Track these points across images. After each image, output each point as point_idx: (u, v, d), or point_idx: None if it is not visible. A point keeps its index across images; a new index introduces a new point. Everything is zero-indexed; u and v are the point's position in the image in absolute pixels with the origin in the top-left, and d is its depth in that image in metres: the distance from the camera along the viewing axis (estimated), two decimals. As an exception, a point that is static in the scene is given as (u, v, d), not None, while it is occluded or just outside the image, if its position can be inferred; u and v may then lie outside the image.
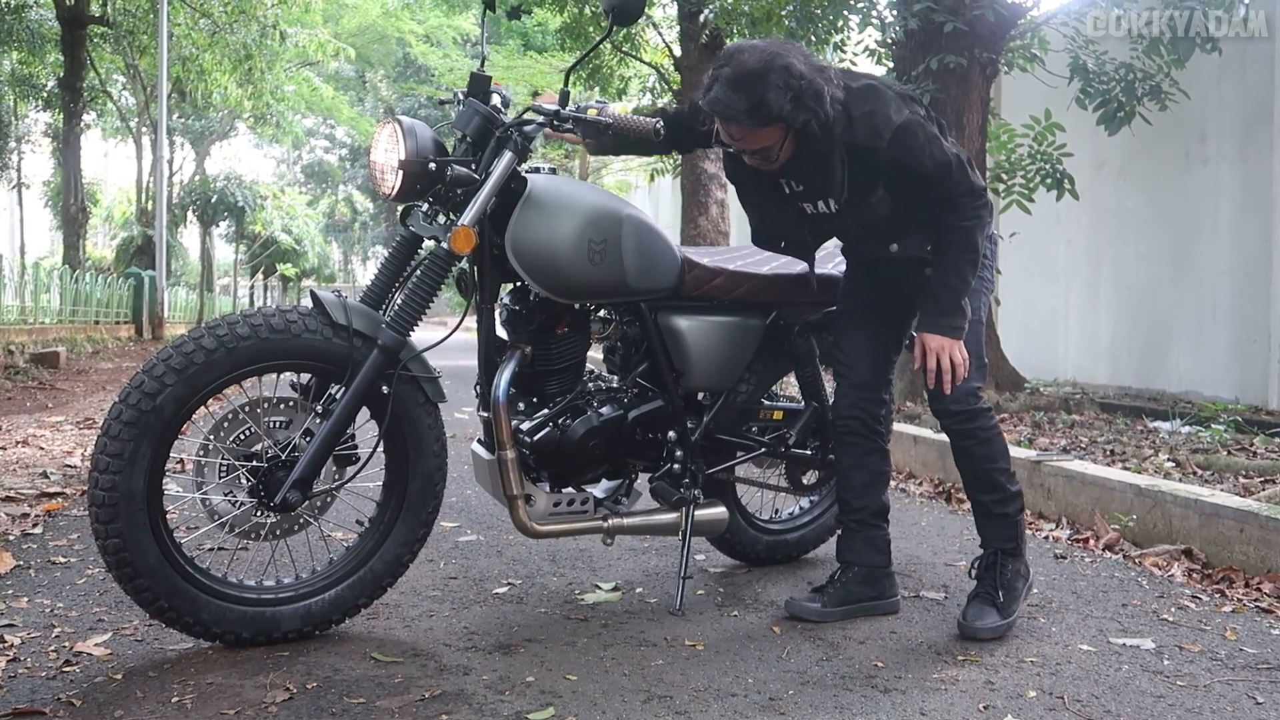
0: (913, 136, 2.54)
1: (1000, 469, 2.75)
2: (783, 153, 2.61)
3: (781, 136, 2.55)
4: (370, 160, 2.66)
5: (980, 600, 2.70)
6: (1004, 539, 2.77)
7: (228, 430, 2.47)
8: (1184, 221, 7.80)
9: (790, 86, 2.45)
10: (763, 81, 2.45)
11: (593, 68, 13.31)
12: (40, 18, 19.25)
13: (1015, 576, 2.74)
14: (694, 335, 2.95)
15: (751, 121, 2.50)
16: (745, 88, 2.47)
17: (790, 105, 2.45)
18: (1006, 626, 2.66)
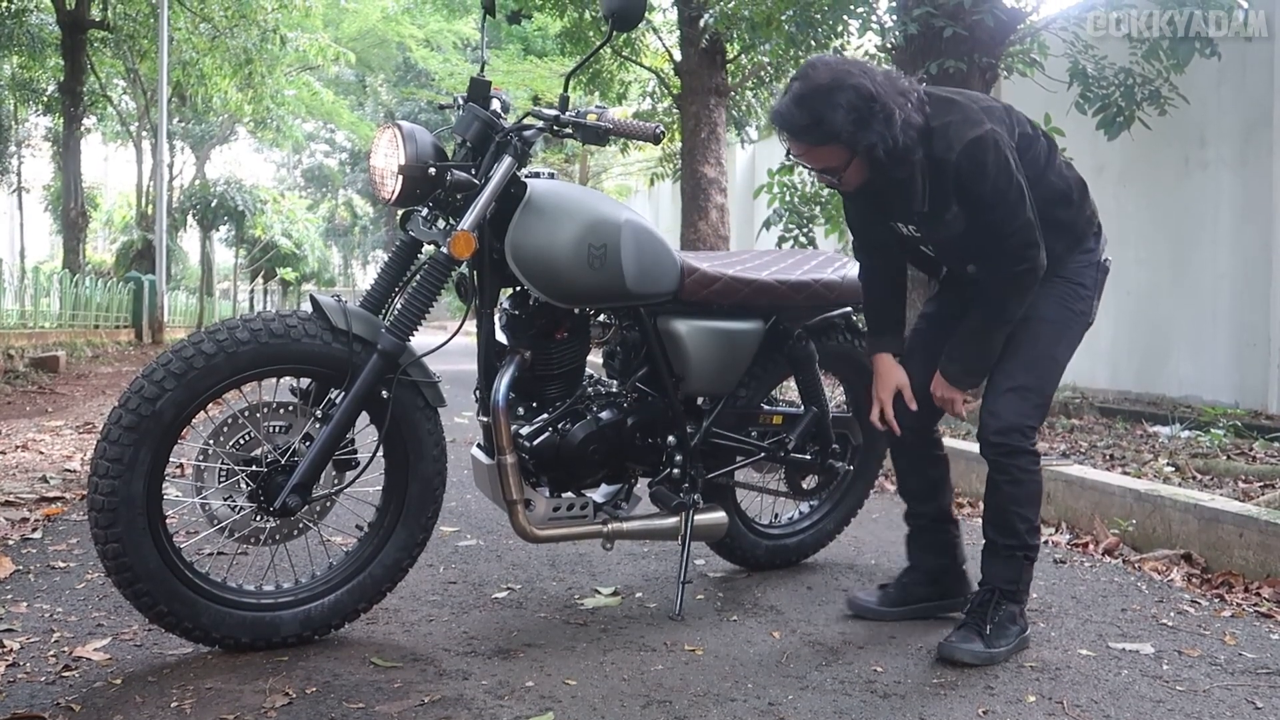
0: (983, 152, 2.44)
1: (1022, 515, 2.59)
2: (851, 175, 2.53)
3: (845, 157, 2.48)
4: (370, 165, 2.66)
5: (966, 628, 2.59)
6: (1005, 579, 2.62)
7: (227, 435, 2.47)
8: (1183, 226, 7.81)
9: (855, 108, 2.38)
10: (827, 99, 2.39)
11: (593, 72, 13.32)
12: (41, 22, 19.26)
13: (1009, 619, 2.58)
14: (693, 340, 2.95)
15: (810, 138, 2.45)
16: (808, 103, 2.42)
17: (852, 126, 2.39)
18: (988, 657, 2.51)
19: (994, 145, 2.45)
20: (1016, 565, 2.63)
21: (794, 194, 7.79)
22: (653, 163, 18.21)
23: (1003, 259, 2.53)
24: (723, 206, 11.80)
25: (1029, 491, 2.60)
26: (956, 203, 2.51)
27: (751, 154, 17.35)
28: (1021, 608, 2.65)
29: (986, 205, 2.48)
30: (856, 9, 6.92)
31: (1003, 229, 2.49)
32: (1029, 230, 2.49)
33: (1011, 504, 2.60)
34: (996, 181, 2.45)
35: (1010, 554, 2.62)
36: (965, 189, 2.48)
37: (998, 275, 2.56)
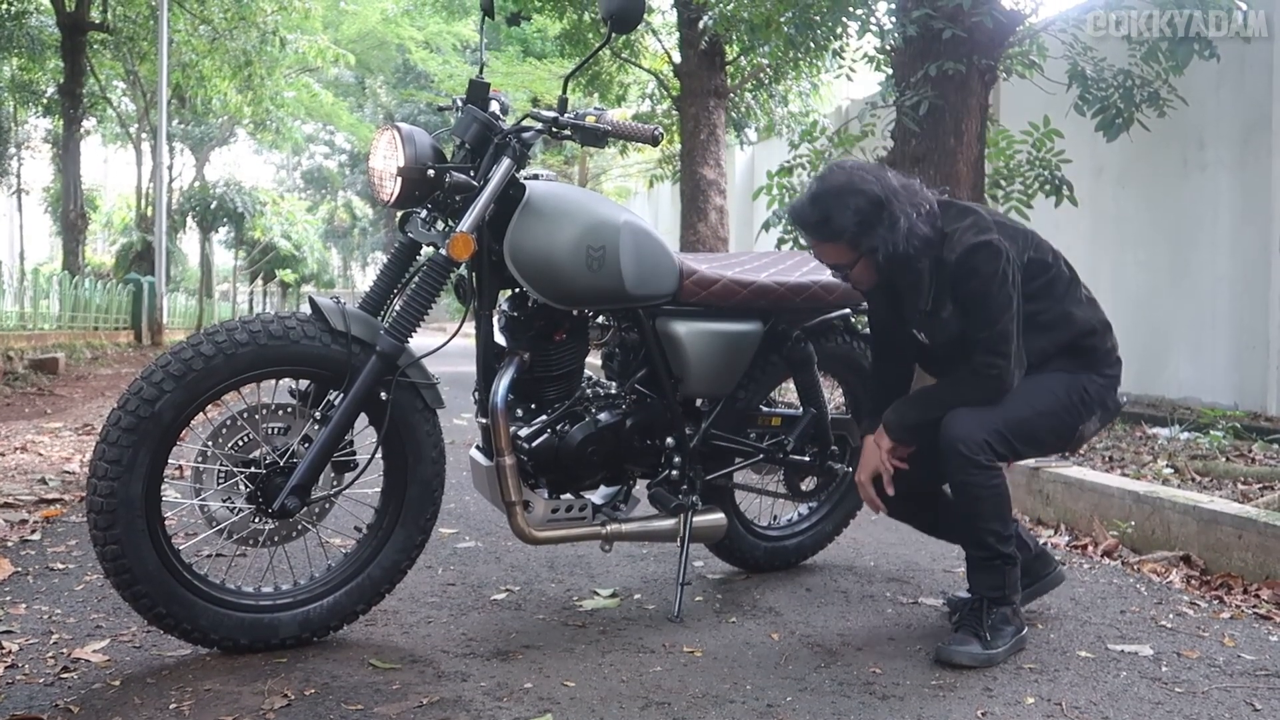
0: (980, 256, 2.55)
1: (989, 529, 2.59)
2: (859, 274, 2.67)
3: (850, 257, 2.62)
4: (369, 166, 2.66)
5: (964, 631, 2.60)
6: (989, 587, 2.63)
7: (226, 437, 2.47)
8: (1182, 228, 7.81)
9: (862, 210, 2.53)
10: (837, 200, 2.56)
11: (592, 74, 13.32)
12: (40, 24, 19.27)
13: (1002, 621, 2.60)
14: (692, 341, 2.95)
15: (818, 234, 2.61)
16: (820, 202, 2.59)
17: (856, 228, 2.54)
18: (986, 659, 2.52)
19: (992, 253, 2.55)
20: (998, 572, 2.63)
21: (793, 196, 7.77)
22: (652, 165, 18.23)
23: (974, 357, 2.61)
24: (722, 208, 11.81)
25: (991, 505, 2.59)
26: (951, 302, 2.63)
27: (751, 156, 17.35)
28: (1014, 607, 2.65)
29: (972, 304, 2.59)
30: (855, 11, 6.92)
31: (980, 330, 2.59)
32: (1004, 341, 2.58)
33: (976, 520, 2.60)
34: (987, 285, 2.55)
35: (988, 564, 2.63)
36: (958, 288, 2.60)
37: (969, 366, 2.63)
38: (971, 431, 2.56)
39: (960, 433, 2.57)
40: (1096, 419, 2.75)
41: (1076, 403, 2.69)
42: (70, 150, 19.30)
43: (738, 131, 13.92)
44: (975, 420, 2.58)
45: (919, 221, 2.57)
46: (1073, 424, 2.70)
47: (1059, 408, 2.68)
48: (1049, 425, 2.67)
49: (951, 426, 2.59)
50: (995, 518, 2.60)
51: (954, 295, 2.61)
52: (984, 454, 2.56)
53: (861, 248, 2.57)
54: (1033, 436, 2.65)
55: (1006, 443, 2.60)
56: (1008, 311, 2.57)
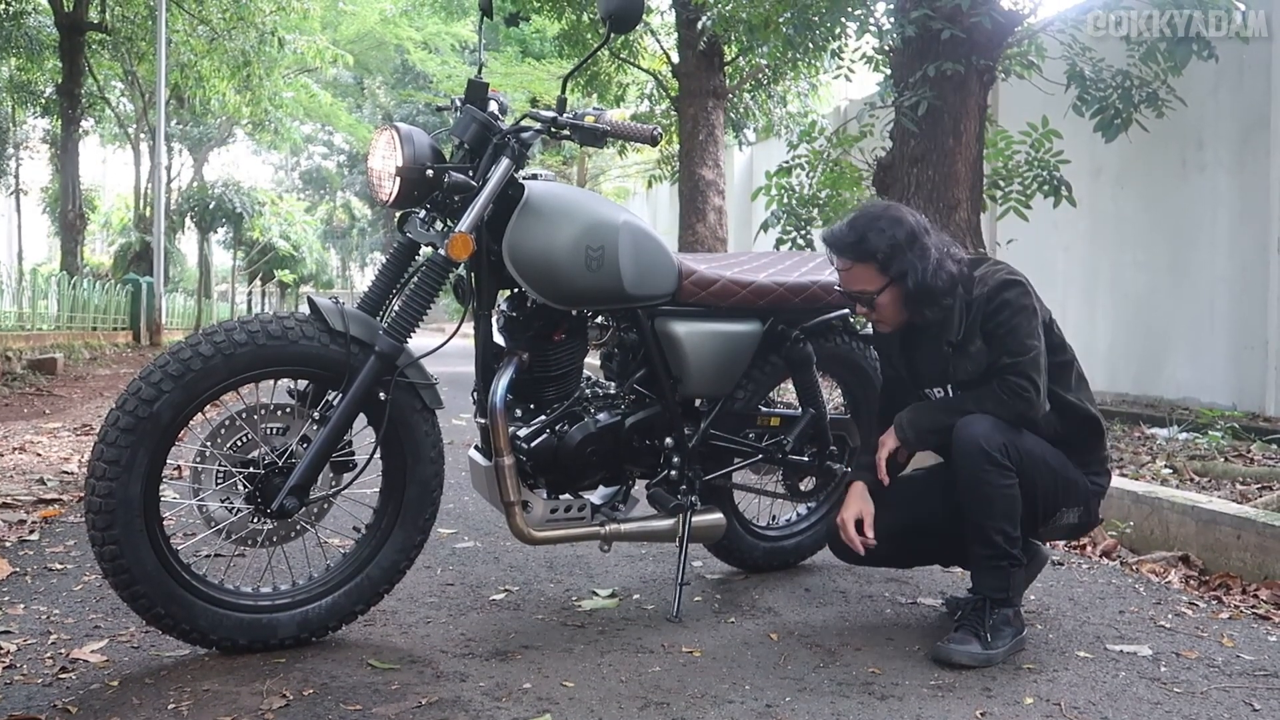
0: (1013, 294, 2.63)
1: (998, 529, 2.59)
2: (885, 305, 2.69)
3: (879, 282, 2.66)
4: (368, 167, 2.66)
5: (964, 630, 2.60)
6: (993, 588, 2.62)
7: (225, 437, 2.47)
8: (1181, 228, 7.81)
9: (896, 237, 2.63)
10: (874, 223, 2.66)
11: (590, 74, 13.33)
12: (39, 24, 19.26)
13: (1003, 622, 2.60)
14: (691, 342, 2.95)
15: (851, 254, 2.68)
16: (857, 224, 2.68)
17: (888, 249, 2.62)
18: (985, 659, 2.52)
19: (1023, 290, 2.65)
20: (1003, 574, 2.63)
21: (792, 196, 7.78)
22: (651, 165, 18.23)
23: (1005, 378, 2.63)
24: (720, 208, 11.81)
25: (1004, 505, 2.59)
26: (980, 338, 2.66)
27: (749, 156, 17.35)
28: (1016, 609, 2.65)
29: (1003, 335, 2.63)
30: (854, 11, 6.92)
31: (1011, 357, 2.62)
32: (1035, 368, 2.62)
33: (986, 518, 2.60)
34: (1017, 316, 2.63)
35: (995, 565, 2.62)
36: (988, 321, 2.65)
37: (997, 384, 2.64)
38: (991, 433, 2.58)
39: (980, 431, 2.58)
40: (1076, 515, 2.78)
41: (1071, 484, 2.73)
42: (68, 150, 19.29)
43: (736, 132, 13.93)
44: (994, 424, 2.60)
45: (948, 259, 2.67)
46: (1061, 500, 2.72)
47: (1060, 475, 2.70)
48: (1048, 480, 2.67)
49: (970, 425, 2.60)
50: (1006, 518, 2.59)
51: (984, 329, 2.65)
52: (1000, 453, 2.57)
53: (892, 271, 2.63)
54: (1034, 477, 2.64)
55: (1017, 461, 2.60)
56: (1036, 344, 2.63)
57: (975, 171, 6.26)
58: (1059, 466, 2.69)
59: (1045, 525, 2.75)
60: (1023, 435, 2.63)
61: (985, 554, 2.63)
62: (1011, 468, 2.58)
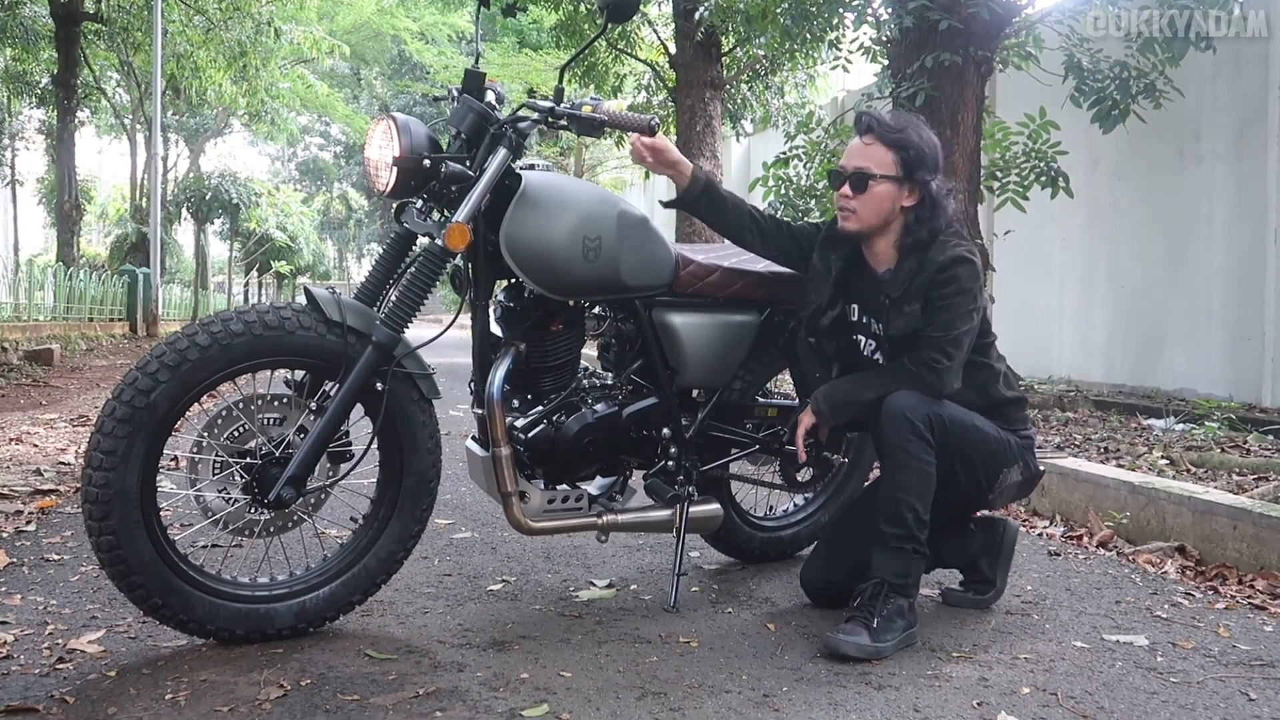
0: (965, 272, 2.65)
1: (909, 504, 2.58)
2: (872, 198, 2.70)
3: (893, 170, 2.69)
4: (365, 157, 2.65)
5: (854, 621, 2.55)
6: (893, 572, 2.60)
7: (222, 427, 2.46)
8: (1178, 220, 7.81)
9: (928, 148, 2.72)
10: (917, 128, 2.75)
11: (588, 65, 13.29)
12: (34, 14, 19.18)
13: (896, 613, 2.56)
14: (688, 332, 2.94)
15: (885, 134, 2.70)
16: (901, 119, 2.76)
17: (917, 151, 2.69)
18: (873, 651, 2.48)
19: (974, 271, 2.67)
20: (905, 558, 2.61)
21: (789, 187, 7.78)
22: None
23: (921, 350, 2.66)
24: (719, 200, 11.77)
25: (918, 481, 2.59)
26: (920, 301, 2.68)
27: (747, 147, 17.33)
28: (910, 602, 2.62)
29: (940, 309, 2.65)
30: (852, 2, 6.91)
31: (936, 331, 2.65)
32: (955, 346, 2.65)
33: (900, 491, 2.59)
34: (960, 296, 2.65)
35: (899, 546, 2.61)
36: (933, 289, 2.66)
37: (910, 358, 2.68)
38: (917, 405, 2.60)
39: (905, 403, 2.60)
40: (1019, 471, 2.80)
41: (1004, 443, 2.76)
42: (64, 141, 19.25)
43: (734, 123, 13.91)
44: (922, 399, 2.62)
45: (949, 202, 2.73)
46: (999, 461, 2.75)
47: (992, 435, 2.73)
48: (983, 444, 2.70)
49: (896, 398, 2.62)
50: (918, 496, 2.59)
51: (926, 295, 2.66)
52: (925, 425, 2.58)
53: (909, 171, 2.69)
54: (968, 445, 2.66)
55: (946, 433, 2.62)
56: (967, 326, 2.66)
57: (973, 163, 6.25)
58: (987, 428, 2.72)
59: (993, 491, 2.77)
60: (947, 405, 2.65)
61: (892, 533, 2.61)
62: (932, 444, 2.59)
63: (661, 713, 2.14)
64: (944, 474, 2.64)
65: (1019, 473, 2.80)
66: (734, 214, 2.96)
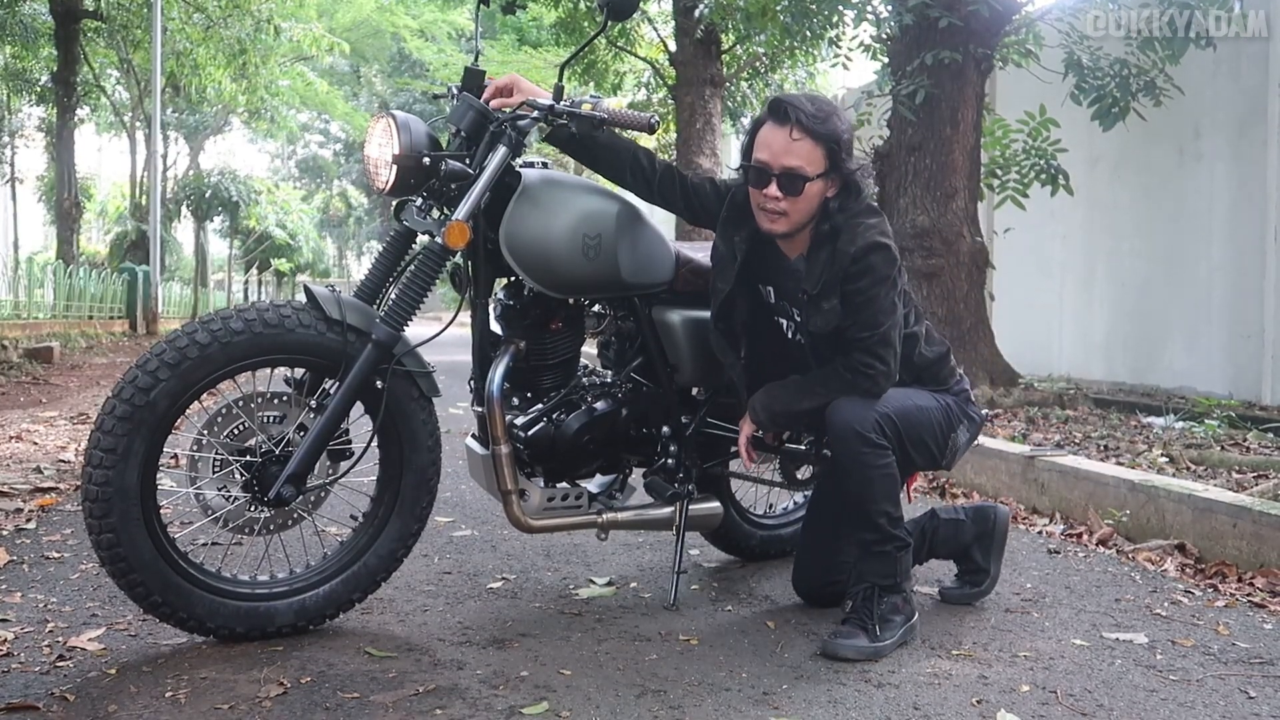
0: (879, 260, 2.56)
1: (880, 510, 2.57)
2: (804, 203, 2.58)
3: (822, 167, 2.56)
4: (364, 154, 2.65)
5: (850, 624, 2.55)
6: (880, 574, 2.59)
7: (221, 425, 2.46)
8: (1178, 217, 7.81)
9: (849, 130, 2.62)
10: (838, 113, 2.61)
11: (587, 63, 13.30)
12: (34, 12, 19.17)
13: (892, 610, 2.56)
14: (688, 330, 2.94)
15: (808, 127, 2.54)
16: (821, 103, 2.61)
17: (846, 140, 2.59)
18: (873, 652, 2.48)
19: (889, 258, 2.58)
20: (889, 560, 2.60)
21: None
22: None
23: (852, 355, 2.61)
24: (718, 198, 11.77)
25: (883, 486, 2.58)
26: (838, 296, 2.59)
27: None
28: (904, 596, 2.61)
29: (860, 304, 2.57)
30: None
31: (862, 331, 2.58)
32: (885, 345, 2.58)
33: (868, 502, 2.58)
34: (878, 287, 2.56)
35: (880, 550, 2.60)
36: (848, 283, 2.57)
37: (843, 363, 2.62)
38: (862, 413, 2.56)
39: (851, 414, 2.56)
40: (965, 429, 2.79)
41: (945, 408, 2.74)
42: (64, 139, 19.24)
43: (733, 120, 13.90)
44: (863, 404, 2.58)
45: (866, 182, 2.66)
46: (946, 429, 2.73)
47: (934, 409, 2.71)
48: (928, 421, 2.68)
49: (840, 410, 2.58)
50: (886, 499, 2.58)
51: (843, 289, 2.58)
52: (875, 433, 2.55)
53: (838, 165, 2.57)
54: (915, 429, 2.65)
55: (894, 428, 2.59)
56: (892, 317, 2.59)
57: (973, 160, 6.26)
58: (927, 402, 2.70)
59: (947, 456, 2.76)
60: (888, 399, 2.62)
61: (870, 539, 2.60)
62: (887, 445, 2.57)
63: (661, 710, 2.14)
64: (899, 462, 2.62)
65: (965, 431, 2.79)
66: (607, 151, 2.81)
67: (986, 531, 2.97)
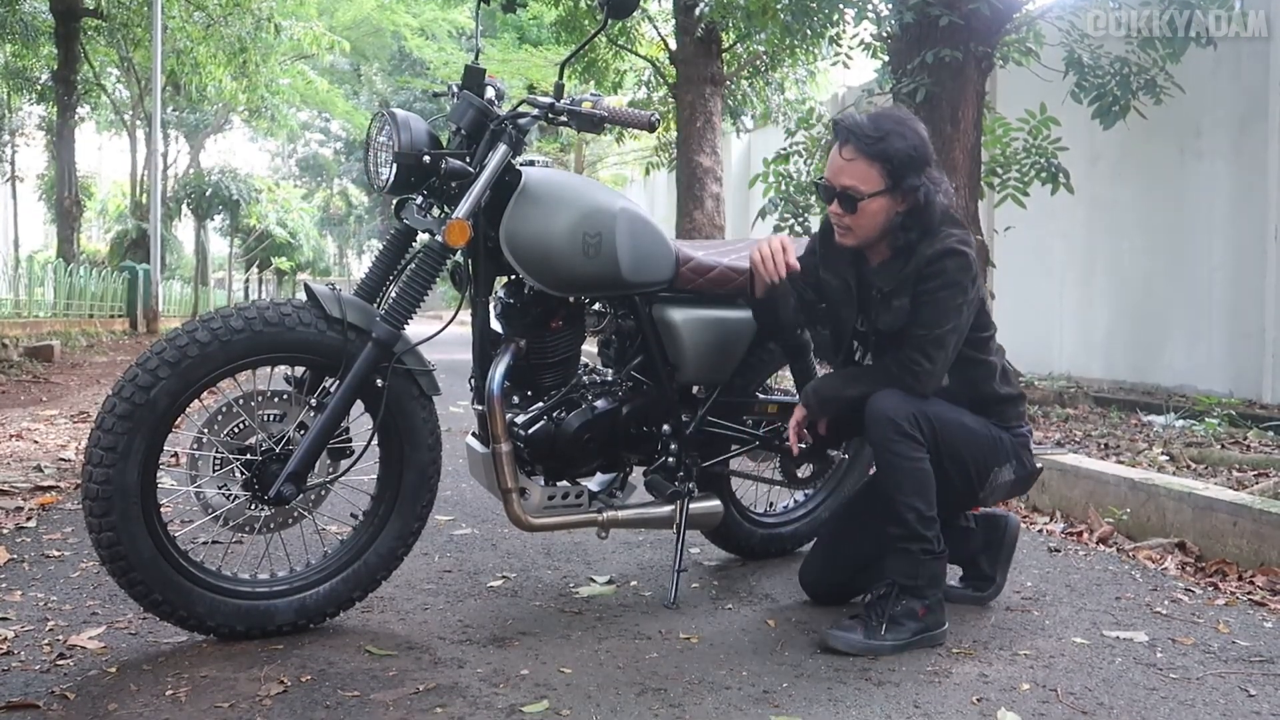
0: (954, 265, 2.56)
1: (909, 504, 2.55)
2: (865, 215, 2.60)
3: (879, 185, 2.57)
4: (365, 153, 2.66)
5: (855, 618, 2.56)
6: (903, 574, 2.57)
7: (222, 423, 2.46)
8: (1179, 216, 7.81)
9: (917, 150, 2.58)
10: (899, 128, 2.58)
11: (588, 61, 13.29)
12: (34, 10, 19.14)
13: (907, 614, 2.54)
14: (688, 328, 2.94)
15: (865, 147, 2.56)
16: (880, 121, 2.60)
17: (904, 158, 2.56)
18: (864, 648, 2.48)
19: (965, 265, 2.57)
20: (913, 560, 2.57)
21: (789, 183, 7.78)
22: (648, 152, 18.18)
23: (903, 350, 2.61)
24: (718, 196, 11.79)
25: (913, 480, 2.56)
26: (909, 296, 2.61)
27: (747, 143, 17.32)
28: (925, 604, 2.57)
29: (925, 303, 2.58)
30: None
31: (919, 329, 2.58)
32: (937, 347, 2.57)
33: (897, 492, 2.57)
34: (946, 290, 2.56)
35: (904, 546, 2.58)
36: (921, 283, 2.59)
37: (893, 358, 2.63)
38: (900, 403, 2.56)
39: (888, 403, 2.56)
40: (1011, 469, 2.74)
41: (995, 441, 2.70)
42: (64, 137, 19.23)
43: (734, 119, 13.90)
44: (904, 397, 2.58)
45: (942, 194, 2.62)
46: (990, 459, 2.69)
47: (981, 433, 2.68)
48: (972, 441, 2.65)
49: (879, 398, 2.58)
50: (917, 494, 2.56)
51: (915, 289, 2.60)
52: (909, 423, 2.54)
53: (897, 181, 2.56)
54: (955, 443, 2.62)
55: (931, 428, 2.58)
56: (953, 323, 2.58)
57: (973, 159, 6.26)
58: (978, 426, 2.67)
59: (984, 489, 2.73)
60: (934, 403, 2.61)
61: (897, 534, 2.59)
62: (922, 441, 2.55)
63: (661, 709, 2.15)
64: (934, 471, 2.60)
65: (1011, 471, 2.74)
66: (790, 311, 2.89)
67: (995, 540, 2.95)
